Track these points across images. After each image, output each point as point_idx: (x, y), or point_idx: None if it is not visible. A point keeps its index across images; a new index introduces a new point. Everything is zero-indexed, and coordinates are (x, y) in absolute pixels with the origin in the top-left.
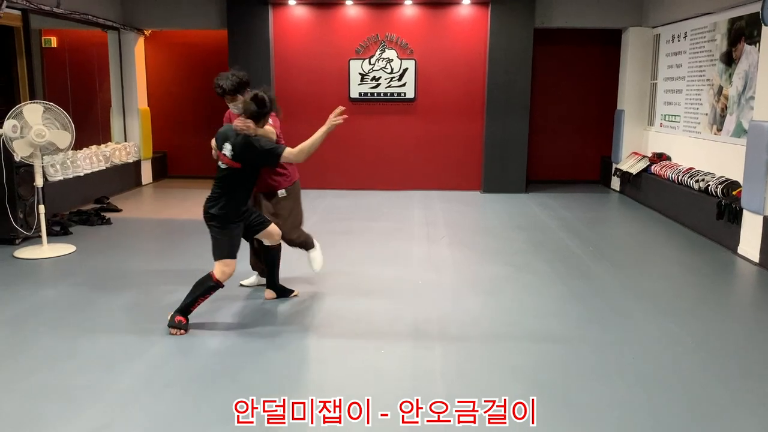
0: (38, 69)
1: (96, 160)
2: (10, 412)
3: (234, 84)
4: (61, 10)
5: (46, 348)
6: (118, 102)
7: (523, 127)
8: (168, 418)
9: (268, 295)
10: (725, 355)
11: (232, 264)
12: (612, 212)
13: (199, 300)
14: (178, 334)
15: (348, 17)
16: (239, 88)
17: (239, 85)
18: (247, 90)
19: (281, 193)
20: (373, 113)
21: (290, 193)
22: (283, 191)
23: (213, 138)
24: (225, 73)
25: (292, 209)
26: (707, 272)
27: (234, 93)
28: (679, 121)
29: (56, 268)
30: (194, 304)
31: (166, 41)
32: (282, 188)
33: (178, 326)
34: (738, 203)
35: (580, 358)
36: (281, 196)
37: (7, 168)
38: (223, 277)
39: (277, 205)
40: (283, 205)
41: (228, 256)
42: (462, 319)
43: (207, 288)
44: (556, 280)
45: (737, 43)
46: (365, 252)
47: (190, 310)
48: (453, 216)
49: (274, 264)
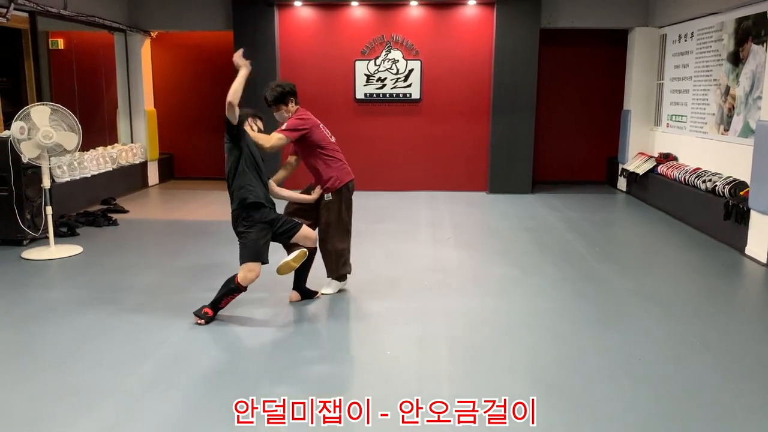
0: (45, 71)
1: (103, 161)
2: (17, 412)
3: (275, 95)
4: (68, 12)
5: (53, 349)
6: (125, 103)
7: (529, 127)
8: (174, 418)
9: (293, 296)
10: (732, 356)
11: (256, 268)
12: (618, 213)
13: (224, 299)
14: (198, 322)
15: (353, 18)
16: (280, 99)
17: (281, 95)
18: (291, 99)
19: (327, 197)
20: (379, 114)
21: (335, 198)
22: (329, 195)
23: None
24: (271, 83)
25: (337, 216)
26: (714, 273)
27: (276, 103)
28: (685, 121)
29: (63, 269)
30: (221, 302)
31: (172, 43)
32: (328, 192)
33: (201, 316)
34: (745, 204)
35: (586, 358)
36: (327, 199)
37: (14, 169)
38: (245, 282)
39: (324, 207)
40: (329, 209)
41: (251, 260)
42: (468, 321)
43: (230, 289)
44: (563, 281)
45: (744, 43)
46: (371, 253)
47: (218, 307)
48: (459, 217)
49: (305, 266)
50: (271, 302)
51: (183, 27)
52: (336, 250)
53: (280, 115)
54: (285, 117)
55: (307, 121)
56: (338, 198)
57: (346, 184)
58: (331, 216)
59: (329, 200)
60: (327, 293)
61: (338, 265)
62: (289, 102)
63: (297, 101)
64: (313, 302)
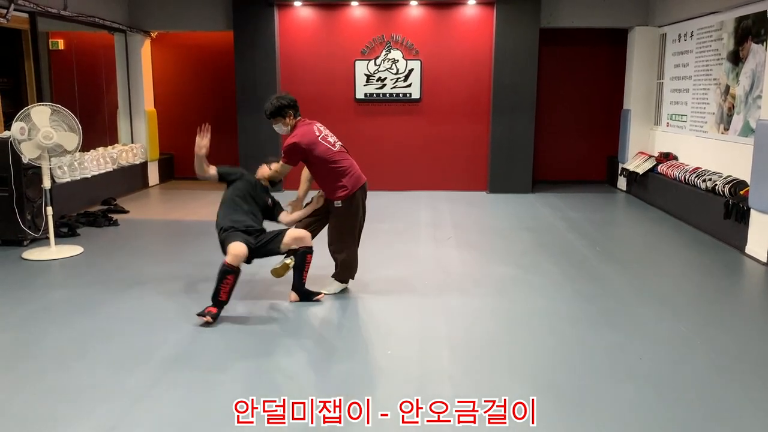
0: (45, 71)
1: (103, 161)
2: (19, 412)
3: (272, 109)
4: (68, 12)
5: (55, 349)
6: (125, 104)
7: (529, 127)
8: (175, 418)
9: (292, 297)
10: (733, 355)
11: (240, 247)
12: (619, 212)
13: (221, 286)
14: (206, 320)
15: (353, 18)
16: (277, 112)
17: (278, 109)
18: (289, 113)
19: (337, 204)
20: (379, 114)
21: (345, 204)
22: (339, 202)
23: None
24: (271, 97)
25: (345, 222)
26: (715, 272)
27: (273, 117)
28: (685, 120)
29: (64, 270)
30: (219, 292)
31: (172, 43)
32: (337, 199)
33: (205, 314)
34: (745, 203)
35: (587, 357)
36: (336, 206)
37: (15, 170)
38: (234, 261)
39: (334, 214)
40: (338, 215)
41: (232, 242)
42: (468, 320)
43: (222, 272)
44: (564, 280)
45: (744, 42)
46: (372, 253)
47: (218, 299)
48: (459, 216)
49: (301, 266)
50: (271, 303)
51: (183, 27)
52: (343, 258)
53: (279, 128)
54: (284, 130)
55: (304, 137)
56: (348, 205)
57: (354, 192)
58: (339, 222)
59: (339, 206)
60: (329, 293)
61: (344, 269)
62: (287, 115)
63: (297, 113)
64: (314, 302)
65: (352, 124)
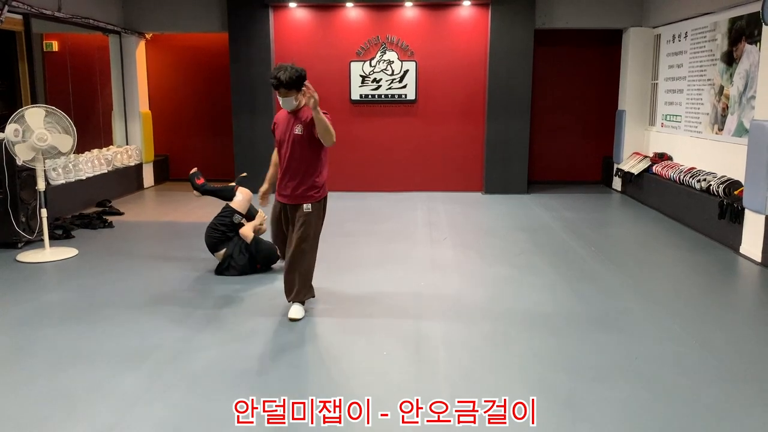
0: (40, 73)
1: (98, 163)
2: (14, 415)
3: (296, 74)
4: (62, 14)
5: (49, 351)
6: (120, 105)
7: (525, 127)
8: (174, 419)
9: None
10: (728, 355)
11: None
12: (614, 212)
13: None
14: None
15: (348, 19)
16: (299, 81)
17: (300, 78)
18: (305, 85)
19: (306, 208)
20: (374, 115)
21: (316, 208)
22: (308, 206)
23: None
24: (284, 65)
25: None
26: (709, 272)
27: (290, 87)
28: (680, 121)
29: (59, 272)
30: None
31: (167, 44)
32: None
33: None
34: (740, 203)
35: (583, 357)
36: (306, 210)
37: (9, 172)
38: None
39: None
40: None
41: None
42: (466, 320)
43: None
44: (559, 280)
45: (738, 43)
46: (368, 254)
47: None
48: (455, 217)
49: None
50: (270, 303)
51: (178, 28)
52: (309, 269)
53: (288, 102)
54: (293, 105)
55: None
56: (318, 208)
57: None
58: (310, 229)
59: (308, 211)
60: (297, 318)
61: (306, 284)
62: (302, 88)
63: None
64: (313, 302)
65: (348, 125)
